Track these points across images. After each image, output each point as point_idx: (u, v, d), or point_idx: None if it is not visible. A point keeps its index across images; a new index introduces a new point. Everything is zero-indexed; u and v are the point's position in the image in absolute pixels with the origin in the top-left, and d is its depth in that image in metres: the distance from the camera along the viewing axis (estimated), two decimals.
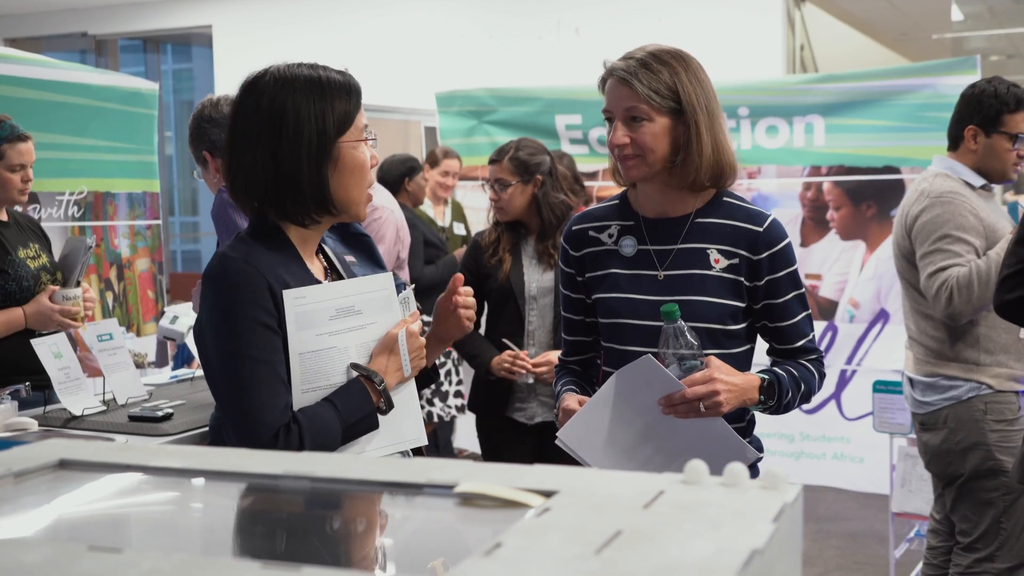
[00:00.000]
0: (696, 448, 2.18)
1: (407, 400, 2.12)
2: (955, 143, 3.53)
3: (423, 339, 2.17)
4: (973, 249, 3.30)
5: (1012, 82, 3.50)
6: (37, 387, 3.49)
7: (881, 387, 4.27)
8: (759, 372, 2.31)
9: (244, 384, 1.94)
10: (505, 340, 3.84)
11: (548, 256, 3.85)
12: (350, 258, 2.22)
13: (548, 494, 1.09)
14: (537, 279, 3.85)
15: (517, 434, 3.89)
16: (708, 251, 2.33)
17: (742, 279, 2.33)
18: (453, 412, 5.87)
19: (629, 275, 2.39)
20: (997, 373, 3.38)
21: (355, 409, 2.01)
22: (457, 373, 5.86)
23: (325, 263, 2.17)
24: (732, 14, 7.90)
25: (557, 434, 2.33)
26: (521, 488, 1.11)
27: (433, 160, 6.44)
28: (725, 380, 2.20)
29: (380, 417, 2.07)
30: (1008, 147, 3.43)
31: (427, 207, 6.38)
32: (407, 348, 2.10)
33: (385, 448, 2.09)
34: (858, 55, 10.58)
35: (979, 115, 3.45)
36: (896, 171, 5.47)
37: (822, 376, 2.42)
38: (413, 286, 2.24)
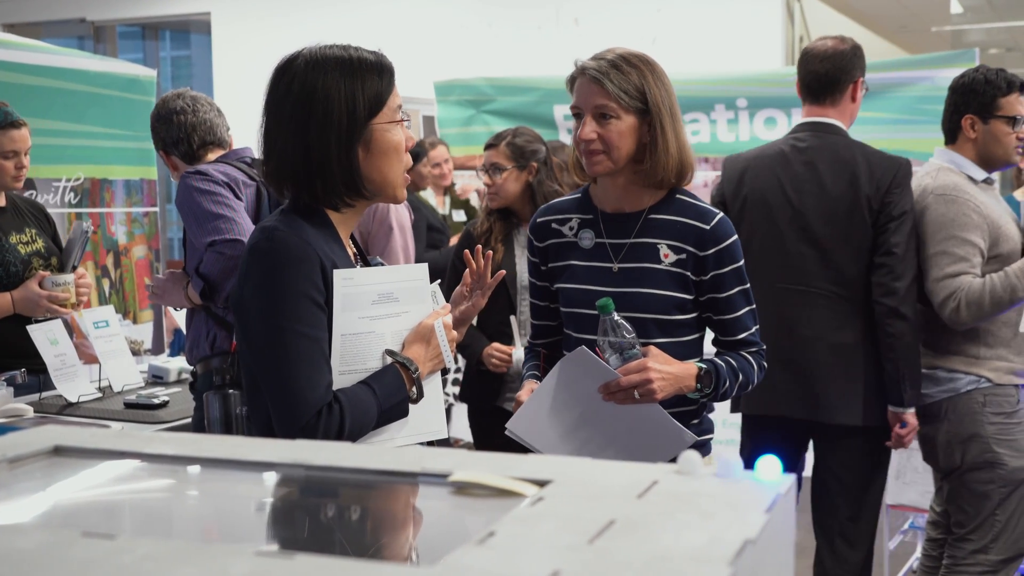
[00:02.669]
0: (634, 432, 2.37)
1: (432, 392, 2.13)
2: (952, 136, 3.53)
3: (455, 332, 2.19)
4: (978, 250, 3.30)
5: (997, 68, 3.53)
6: (33, 371, 3.48)
7: None
8: (698, 362, 2.42)
9: (291, 359, 1.92)
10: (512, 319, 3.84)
11: None
12: None
13: (542, 483, 1.09)
14: None
15: None
16: (658, 246, 2.46)
17: (688, 273, 2.45)
18: (451, 400, 5.87)
19: (587, 267, 2.52)
20: (997, 367, 3.38)
21: (391, 395, 2.01)
22: (456, 361, 5.85)
23: (354, 248, 2.17)
24: (731, 5, 7.89)
25: (506, 425, 2.44)
26: (515, 477, 1.11)
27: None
28: (659, 369, 2.32)
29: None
30: (1008, 130, 3.45)
31: (428, 195, 6.38)
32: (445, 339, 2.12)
33: (409, 438, 2.10)
34: None
35: (974, 103, 3.46)
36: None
37: (761, 368, 2.53)
38: (439, 281, 2.24)
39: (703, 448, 2.52)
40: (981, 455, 3.39)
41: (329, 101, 1.97)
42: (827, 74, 3.41)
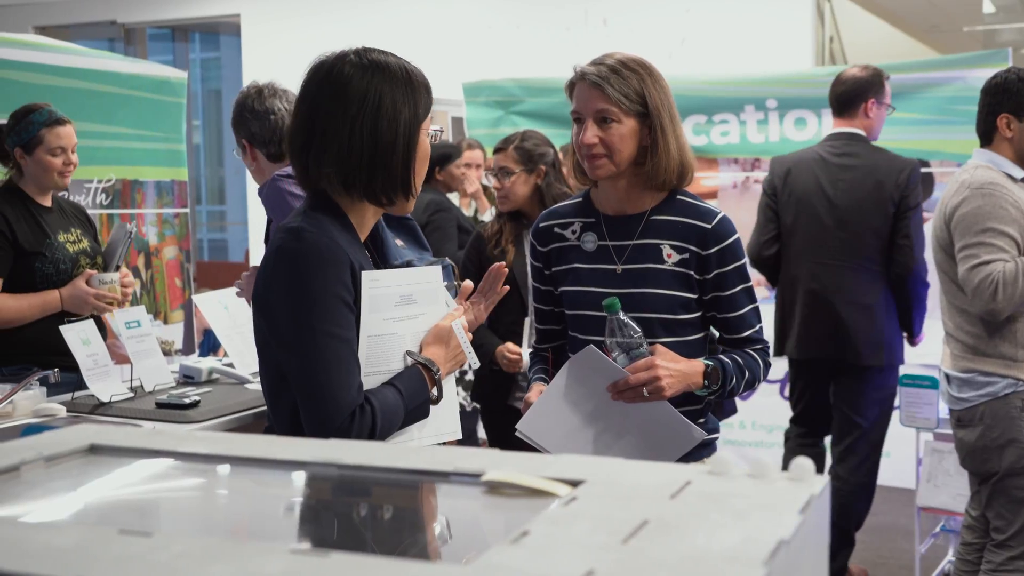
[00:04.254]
0: (643, 430, 2.41)
1: (448, 393, 2.16)
2: (988, 137, 3.52)
3: (470, 334, 2.21)
4: (1015, 243, 3.28)
5: None
6: (66, 370, 3.50)
7: (908, 381, 4.24)
8: (704, 359, 2.45)
9: (323, 361, 1.94)
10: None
11: None
12: (399, 241, 2.24)
13: (575, 483, 1.09)
14: None
15: None
16: (661, 246, 2.49)
17: (692, 272, 2.48)
18: (465, 405, 5.86)
19: (590, 269, 2.55)
20: None
21: (415, 396, 2.04)
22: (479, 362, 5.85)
23: (367, 251, 2.18)
24: (761, 5, 7.85)
25: (516, 425, 2.47)
26: (548, 477, 1.11)
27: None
28: (667, 367, 2.34)
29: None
30: None
31: (454, 196, 6.37)
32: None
33: (429, 438, 2.12)
34: (888, 47, 10.49)
35: (1009, 102, 3.46)
36: (926, 164, 5.43)
37: (767, 365, 2.56)
38: (446, 284, 2.26)
39: (709, 447, 2.55)
40: (1019, 460, 3.36)
41: (396, 104, 2.02)
42: (843, 94, 4.40)
